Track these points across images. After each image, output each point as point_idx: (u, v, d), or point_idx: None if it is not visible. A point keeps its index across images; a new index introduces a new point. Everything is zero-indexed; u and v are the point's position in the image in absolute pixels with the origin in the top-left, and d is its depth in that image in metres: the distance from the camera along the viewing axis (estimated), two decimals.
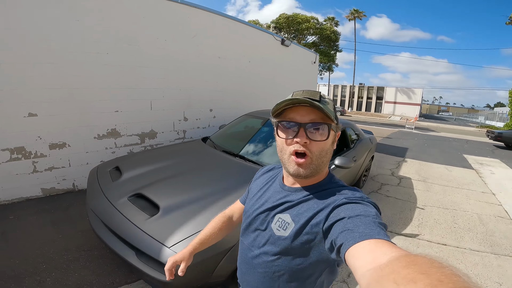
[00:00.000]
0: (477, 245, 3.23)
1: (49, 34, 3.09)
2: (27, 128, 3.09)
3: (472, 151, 10.23)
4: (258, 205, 0.83)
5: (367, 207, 0.62)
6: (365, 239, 0.51)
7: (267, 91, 6.89)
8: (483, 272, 2.68)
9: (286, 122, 0.71)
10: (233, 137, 3.47)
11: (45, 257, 2.23)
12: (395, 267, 0.36)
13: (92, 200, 2.09)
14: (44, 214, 2.94)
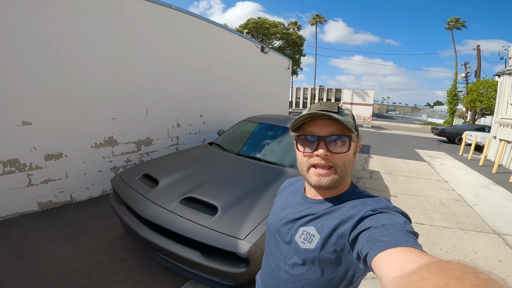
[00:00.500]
0: (446, 223, 3.86)
1: (44, 35, 2.90)
2: (21, 138, 2.83)
3: (422, 146, 11.79)
4: (280, 217, 0.82)
5: (394, 216, 0.60)
6: (391, 247, 0.50)
7: (249, 97, 7.16)
8: (458, 244, 3.25)
9: (305, 136, 0.70)
10: (238, 141, 3.62)
11: (81, 273, 2.13)
12: (424, 274, 0.34)
13: (139, 207, 2.06)
14: (51, 229, 2.73)
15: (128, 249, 2.54)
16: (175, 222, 1.84)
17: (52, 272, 2.10)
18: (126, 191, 2.31)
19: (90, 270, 2.18)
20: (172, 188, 2.23)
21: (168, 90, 4.51)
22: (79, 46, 3.21)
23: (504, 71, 8.42)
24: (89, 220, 3.01)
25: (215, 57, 5.57)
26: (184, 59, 4.76)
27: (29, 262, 2.20)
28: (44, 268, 2.14)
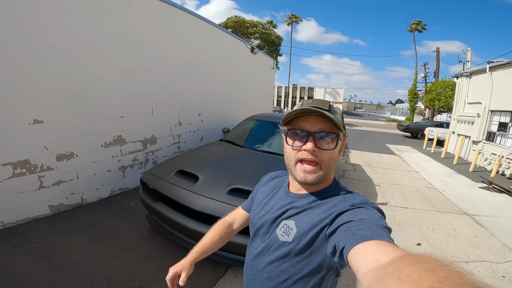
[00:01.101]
0: (425, 206, 4.45)
1: (57, 29, 2.75)
2: (32, 137, 2.67)
3: (390, 141, 12.94)
4: (263, 213, 0.84)
5: (370, 212, 0.62)
6: (367, 240, 0.52)
7: (240, 96, 7.28)
8: (439, 223, 3.79)
9: (295, 130, 0.71)
10: (249, 137, 3.79)
11: (128, 274, 2.12)
12: (399, 266, 0.35)
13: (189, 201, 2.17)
14: (72, 233, 2.62)
15: (161, 246, 2.57)
16: (226, 210, 1.96)
17: (99, 276, 2.07)
18: (167, 187, 2.37)
19: (134, 270, 2.18)
20: (213, 181, 2.37)
21: (171, 88, 4.46)
22: (91, 42, 3.08)
23: (462, 73, 9.61)
24: (108, 221, 2.94)
25: (212, 57, 5.61)
26: (185, 58, 4.74)
27: (69, 268, 2.12)
28: (89, 273, 2.09)
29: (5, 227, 2.56)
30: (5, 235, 2.47)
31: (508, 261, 2.80)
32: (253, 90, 8.15)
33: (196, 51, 4.99)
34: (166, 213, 2.30)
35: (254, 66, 7.97)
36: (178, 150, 4.87)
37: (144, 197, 2.53)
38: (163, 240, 2.67)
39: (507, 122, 7.19)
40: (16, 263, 2.11)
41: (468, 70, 9.67)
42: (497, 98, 7.62)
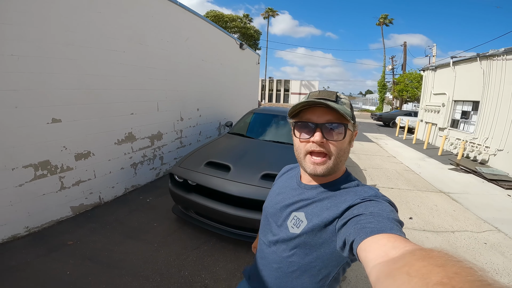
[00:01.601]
0: (407, 186, 5.04)
1: (71, 25, 2.66)
2: (51, 137, 2.59)
3: (366, 130, 13.89)
4: (275, 201, 0.85)
5: (381, 205, 0.61)
6: (377, 233, 0.51)
7: (232, 91, 7.38)
8: (422, 200, 4.34)
9: (302, 123, 0.71)
10: (257, 129, 3.99)
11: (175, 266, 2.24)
12: (408, 260, 0.35)
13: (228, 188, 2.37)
14: (104, 232, 2.65)
15: (194, 236, 2.70)
16: (263, 193, 2.23)
17: (150, 271, 2.15)
18: (203, 177, 2.51)
19: (179, 261, 2.30)
20: (245, 169, 2.57)
21: (173, 84, 4.45)
22: (102, 38, 3.00)
23: (428, 67, 10.59)
24: (133, 218, 2.97)
25: (208, 53, 5.66)
26: (185, 55, 4.73)
27: (119, 267, 2.16)
28: (139, 269, 2.15)
29: (30, 231, 2.50)
30: (34, 240, 2.42)
31: (486, 231, 3.34)
32: (242, 84, 8.28)
33: (194, 48, 5.01)
34: (203, 202, 2.46)
35: (242, 61, 8.08)
36: (181, 145, 4.89)
37: (175, 190, 2.64)
38: (193, 230, 2.81)
39: (469, 110, 8.18)
40: (64, 268, 2.09)
41: (433, 64, 10.67)
42: (460, 89, 8.58)
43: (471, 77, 7.85)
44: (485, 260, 2.66)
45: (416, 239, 3.04)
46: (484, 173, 5.59)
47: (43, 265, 2.09)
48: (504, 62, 6.41)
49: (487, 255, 2.74)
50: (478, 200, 4.45)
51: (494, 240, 3.07)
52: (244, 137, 3.70)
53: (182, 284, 2.04)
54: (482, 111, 7.24)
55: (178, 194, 2.62)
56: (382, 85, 26.45)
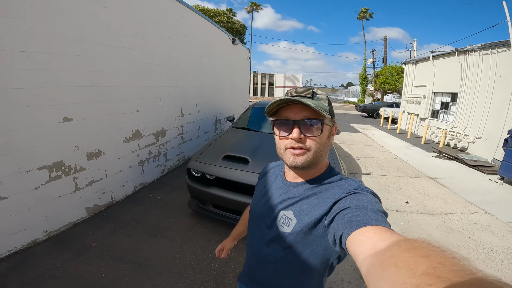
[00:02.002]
0: (398, 173, 5.38)
1: (77, 19, 2.55)
2: (63, 136, 2.51)
3: (352, 121, 14.39)
4: (262, 202, 0.85)
5: (366, 197, 0.62)
6: (363, 226, 0.52)
7: (226, 86, 7.37)
8: (414, 186, 4.66)
9: (280, 121, 0.72)
10: (259, 122, 4.08)
11: (203, 259, 2.30)
12: (395, 251, 0.36)
13: (250, 179, 2.45)
14: (125, 231, 2.64)
15: (214, 230, 2.77)
16: None
17: (182, 266, 2.19)
18: (224, 171, 2.58)
19: (206, 255, 2.36)
20: (263, 161, 2.64)
21: (175, 81, 4.39)
22: (108, 34, 2.91)
23: (409, 61, 11.12)
24: (149, 216, 2.97)
25: (205, 49, 5.61)
26: (184, 51, 4.66)
27: (151, 265, 2.18)
28: (171, 266, 2.19)
29: (49, 236, 2.43)
30: (56, 244, 2.36)
31: (474, 212, 3.66)
32: (235, 79, 8.28)
33: (192, 44, 4.97)
34: (225, 195, 2.53)
35: (235, 57, 8.07)
36: (182, 140, 4.87)
37: (193, 184, 2.68)
38: (211, 224, 2.87)
39: (448, 101, 8.75)
40: (98, 271, 2.07)
41: (414, 58, 11.21)
42: (439, 82, 9.13)
43: (450, 71, 8.37)
44: (479, 239, 2.93)
45: (415, 222, 3.29)
46: (465, 159, 6.08)
47: (75, 269, 2.06)
48: (481, 57, 6.91)
49: (480, 235, 3.03)
50: (463, 184, 4.85)
51: (484, 221, 3.38)
52: (251, 131, 3.77)
53: (215, 276, 2.11)
54: (460, 102, 7.79)
55: (197, 188, 2.66)
56: (364, 77, 27.35)
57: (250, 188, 2.49)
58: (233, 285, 2.04)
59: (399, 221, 3.28)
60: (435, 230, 3.10)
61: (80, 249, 2.30)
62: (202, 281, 2.05)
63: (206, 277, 2.10)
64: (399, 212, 3.57)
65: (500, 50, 6.33)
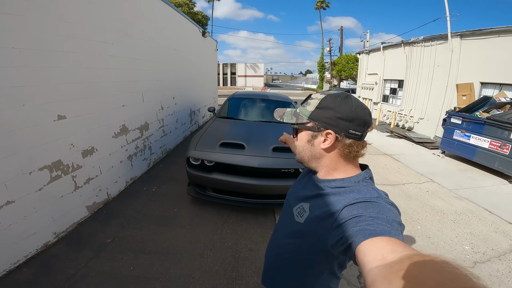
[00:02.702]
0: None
1: (66, 15, 2.44)
2: (59, 135, 2.44)
3: None
4: (294, 190, 0.91)
5: (382, 207, 0.60)
6: (376, 236, 0.50)
7: (198, 78, 7.36)
8: (376, 162, 5.44)
9: None
10: (241, 111, 4.34)
11: (217, 240, 2.56)
12: (405, 265, 0.35)
13: (248, 162, 2.74)
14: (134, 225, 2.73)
15: (217, 212, 3.02)
16: (278, 162, 2.74)
17: (200, 249, 2.40)
18: (223, 156, 2.81)
19: (218, 236, 2.61)
20: (257, 145, 2.95)
21: (154, 75, 4.35)
22: (94, 29, 2.81)
23: (363, 51, 12.19)
24: (151, 208, 3.06)
25: (179, 42, 5.58)
26: (161, 45, 4.61)
27: (173, 252, 2.32)
28: (190, 249, 2.37)
29: (59, 237, 2.41)
30: (70, 244, 2.36)
31: (425, 182, 4.42)
32: (205, 71, 8.28)
33: (168, 38, 4.94)
34: (227, 178, 2.78)
35: (204, 49, 8.04)
36: (163, 133, 4.87)
37: (193, 172, 2.86)
38: (213, 208, 3.10)
39: (396, 87, 9.97)
40: (124, 264, 2.15)
41: (367, 48, 12.33)
42: (388, 70, 10.29)
43: (397, 60, 9.50)
44: (432, 204, 3.55)
45: None
46: (412, 137, 7.17)
47: (103, 266, 2.12)
48: (423, 48, 8.03)
49: (432, 200, 3.69)
50: (413, 158, 5.79)
51: (433, 189, 4.10)
52: (236, 119, 3.99)
53: (232, 252, 2.39)
54: (406, 88, 8.97)
55: (198, 175, 2.85)
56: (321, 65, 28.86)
57: (248, 170, 2.76)
58: (249, 258, 2.32)
59: None
60: (398, 198, 3.72)
61: (98, 247, 2.35)
62: (223, 258, 2.31)
63: (224, 254, 2.35)
64: None
65: (439, 42, 7.43)
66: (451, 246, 2.67)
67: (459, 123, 5.36)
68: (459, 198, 3.82)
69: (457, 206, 3.55)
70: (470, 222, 3.15)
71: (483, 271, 2.32)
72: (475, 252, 2.58)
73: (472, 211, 3.41)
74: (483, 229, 3.00)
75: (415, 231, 2.90)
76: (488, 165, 4.76)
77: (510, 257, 2.52)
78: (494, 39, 6.01)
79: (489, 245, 2.69)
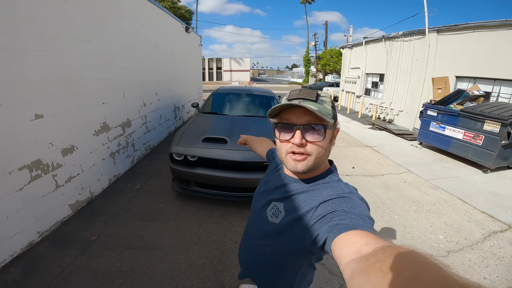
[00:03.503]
0: (343, 144, 6.28)
1: (37, 14, 2.37)
2: (37, 134, 2.40)
3: None
4: (262, 189, 0.89)
5: (354, 202, 0.62)
6: (349, 230, 0.52)
7: (181, 74, 7.29)
8: (357, 154, 5.63)
9: (282, 124, 0.70)
10: (224, 106, 4.39)
11: (202, 234, 2.63)
12: (380, 257, 0.36)
13: (231, 156, 2.79)
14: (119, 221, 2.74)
15: (202, 207, 3.08)
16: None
17: (186, 243, 2.44)
18: (207, 151, 2.86)
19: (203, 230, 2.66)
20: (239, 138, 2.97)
21: (135, 71, 4.28)
22: (69, 28, 2.75)
23: (346, 45, 12.40)
24: (135, 204, 3.07)
25: (160, 38, 5.52)
26: (141, 41, 4.54)
27: (159, 247, 2.35)
28: (176, 244, 2.42)
29: (43, 236, 2.40)
30: (54, 243, 2.36)
31: (403, 172, 4.59)
32: (189, 66, 8.22)
33: (149, 34, 4.86)
34: (210, 173, 2.82)
35: (188, 44, 7.95)
36: (147, 130, 4.82)
37: (177, 167, 2.89)
38: (198, 202, 3.15)
39: (377, 81, 10.25)
40: (111, 261, 2.17)
41: (350, 43, 12.53)
42: (370, 64, 10.54)
43: (378, 54, 9.75)
44: (409, 194, 3.67)
45: (362, 183, 4.04)
46: (392, 129, 7.46)
47: (89, 263, 2.14)
48: (402, 43, 8.29)
49: (409, 190, 3.84)
50: (392, 150, 6.02)
51: (410, 179, 4.25)
52: (219, 114, 4.04)
53: (218, 245, 2.46)
54: (386, 82, 9.26)
55: (182, 170, 2.88)
56: (307, 59, 29.06)
57: (231, 164, 2.83)
58: (234, 251, 2.40)
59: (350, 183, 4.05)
60: (377, 189, 3.86)
61: (83, 245, 2.35)
62: (208, 251, 2.37)
63: (210, 248, 2.42)
64: (349, 176, 4.37)
65: (417, 37, 7.70)
66: (426, 235, 2.73)
67: (434, 115, 5.62)
68: (434, 188, 3.96)
69: (432, 196, 3.66)
70: (444, 211, 3.24)
71: (456, 260, 2.37)
72: (449, 241, 2.65)
73: (446, 201, 3.52)
74: (456, 218, 3.07)
75: (393, 221, 3.00)
76: (463, 155, 4.99)
77: (482, 246, 2.58)
78: (469, 34, 6.28)
79: (462, 235, 2.76)
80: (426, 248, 2.55)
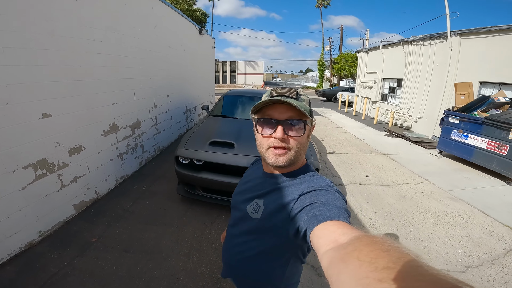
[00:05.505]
0: (357, 151, 6.10)
1: (49, 13, 2.40)
2: (44, 133, 2.42)
3: (313, 105, 14.30)
4: (242, 189, 0.91)
5: (331, 194, 0.65)
6: (327, 220, 0.54)
7: (193, 76, 7.31)
8: (371, 162, 5.37)
9: (265, 119, 0.72)
10: (235, 110, 4.30)
11: (204, 240, 2.53)
12: (357, 246, 0.37)
13: (238, 161, 2.69)
14: (121, 223, 2.70)
15: (205, 212, 2.99)
16: None
17: (186, 249, 2.36)
18: (212, 155, 2.77)
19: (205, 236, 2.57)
20: (247, 143, 2.87)
21: (145, 72, 4.30)
22: (81, 27, 2.78)
23: (362, 49, 12.10)
24: (140, 206, 3.03)
25: (173, 40, 5.54)
26: (154, 43, 4.56)
27: (158, 251, 2.29)
28: (176, 249, 2.34)
29: (44, 236, 2.39)
30: (54, 243, 2.34)
31: (420, 183, 4.33)
32: (201, 68, 8.24)
33: (161, 35, 4.89)
34: (216, 178, 2.73)
35: (201, 46, 7.99)
36: (157, 131, 4.83)
37: (182, 171, 2.83)
38: (202, 207, 3.07)
39: (394, 86, 9.89)
40: (107, 264, 2.13)
41: (366, 47, 12.23)
42: (387, 69, 10.20)
43: (396, 59, 9.41)
44: (426, 206, 3.45)
45: (375, 192, 3.83)
46: (410, 137, 7.11)
47: (86, 265, 2.10)
48: (422, 47, 7.94)
49: (427, 201, 3.60)
50: (409, 158, 5.72)
51: (428, 190, 4.00)
52: (228, 118, 3.95)
53: (219, 253, 2.34)
54: (405, 87, 8.90)
55: (187, 174, 2.81)
56: (322, 64, 28.75)
57: (237, 169, 2.72)
58: None
59: (363, 193, 3.83)
60: (392, 199, 3.64)
61: (82, 246, 2.32)
62: (209, 259, 2.27)
63: (210, 255, 2.32)
64: (362, 185, 4.15)
65: (438, 41, 7.35)
66: (443, 249, 2.56)
67: (457, 123, 5.29)
68: (454, 199, 3.72)
69: (452, 208, 3.45)
70: (464, 224, 3.05)
71: (475, 276, 2.22)
72: (468, 256, 2.49)
73: (467, 213, 3.31)
74: (477, 232, 2.89)
75: (408, 234, 2.82)
76: (486, 165, 4.67)
77: (503, 261, 2.42)
78: (493, 37, 5.92)
79: (483, 249, 2.60)
80: (443, 262, 2.39)
